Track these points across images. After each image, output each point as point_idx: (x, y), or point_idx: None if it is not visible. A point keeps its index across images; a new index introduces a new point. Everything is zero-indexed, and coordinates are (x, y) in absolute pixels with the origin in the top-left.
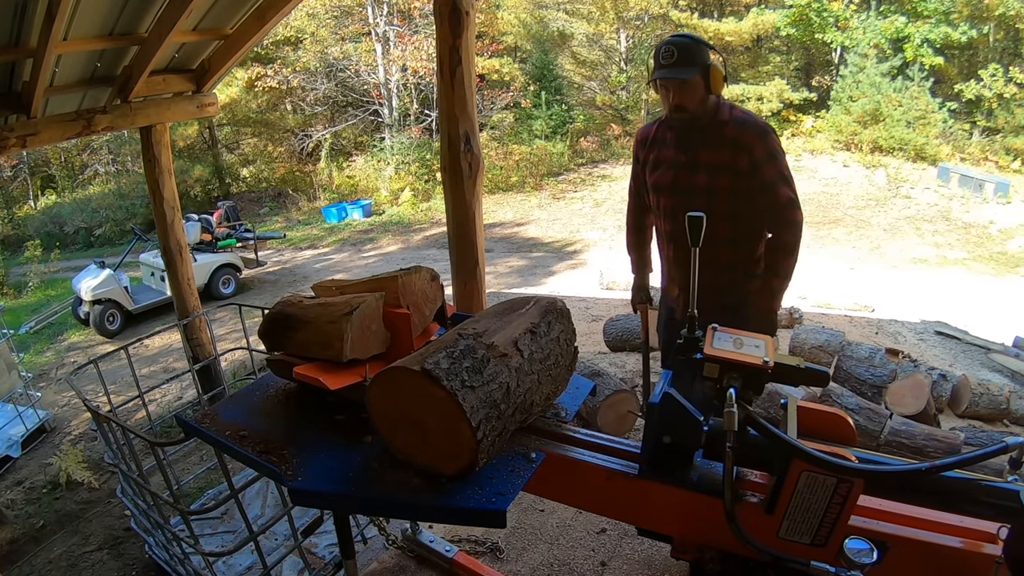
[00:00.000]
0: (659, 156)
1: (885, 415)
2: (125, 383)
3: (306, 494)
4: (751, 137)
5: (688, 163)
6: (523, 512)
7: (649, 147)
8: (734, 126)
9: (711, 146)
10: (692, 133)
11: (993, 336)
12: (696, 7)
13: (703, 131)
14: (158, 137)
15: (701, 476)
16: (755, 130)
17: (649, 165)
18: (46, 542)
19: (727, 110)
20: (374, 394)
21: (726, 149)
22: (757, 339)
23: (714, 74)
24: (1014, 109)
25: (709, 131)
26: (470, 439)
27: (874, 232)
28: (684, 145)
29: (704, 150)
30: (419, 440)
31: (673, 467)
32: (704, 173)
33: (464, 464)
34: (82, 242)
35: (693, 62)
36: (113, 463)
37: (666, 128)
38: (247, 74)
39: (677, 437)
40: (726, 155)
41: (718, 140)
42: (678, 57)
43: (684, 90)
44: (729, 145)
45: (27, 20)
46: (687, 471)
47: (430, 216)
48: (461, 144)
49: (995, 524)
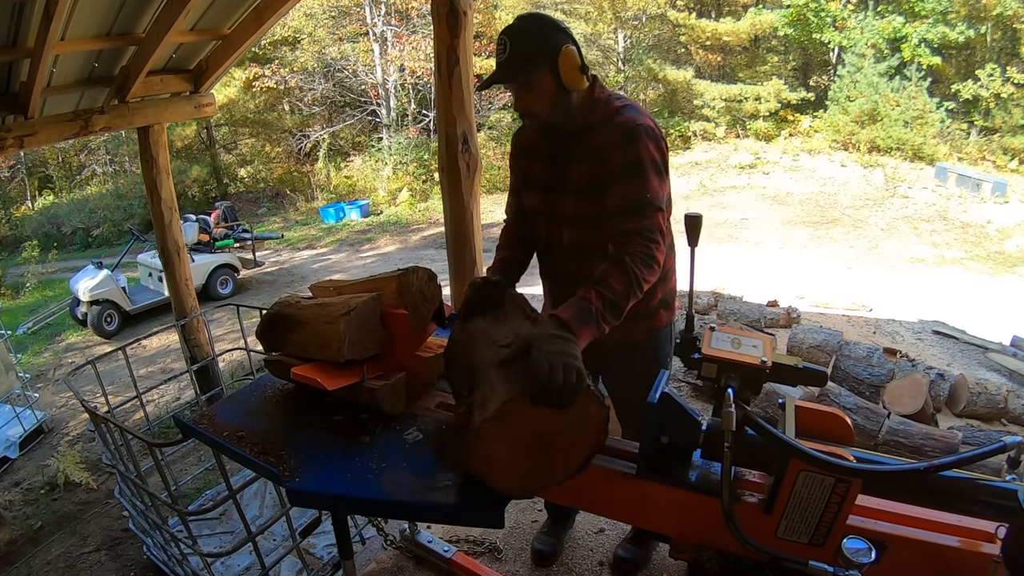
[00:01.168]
0: (530, 172)
1: (883, 414)
2: (123, 384)
3: (304, 495)
4: (610, 143)
5: (560, 185)
6: (521, 512)
7: (521, 158)
8: (600, 131)
9: (583, 160)
10: (564, 144)
11: (991, 335)
12: (694, 7)
13: (575, 141)
14: (156, 137)
15: (699, 476)
16: (619, 136)
17: (522, 180)
18: (44, 543)
19: (601, 109)
20: (490, 437)
21: (594, 162)
22: (755, 339)
23: (564, 63)
24: (1011, 109)
25: (582, 141)
26: (597, 413)
27: (872, 232)
28: (554, 158)
29: (576, 166)
30: (536, 453)
31: (671, 467)
32: (576, 199)
33: (595, 443)
34: (80, 243)
35: (533, 55)
36: (111, 464)
37: (541, 137)
38: (245, 74)
39: (675, 437)
40: (595, 170)
41: (587, 152)
42: (511, 51)
43: (527, 91)
44: (596, 156)
45: (25, 20)
46: (685, 471)
47: (428, 216)
48: (459, 144)
49: (993, 523)
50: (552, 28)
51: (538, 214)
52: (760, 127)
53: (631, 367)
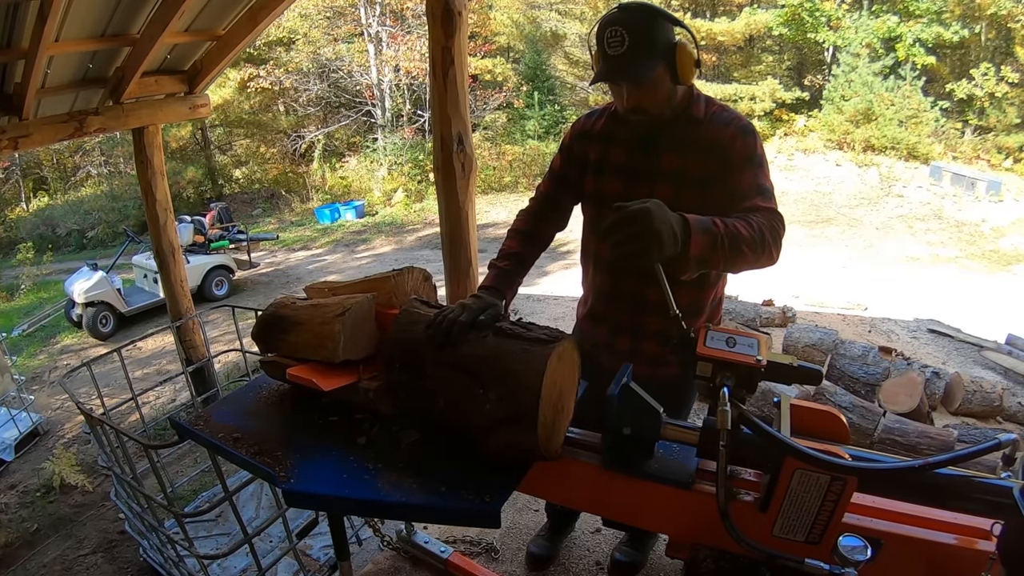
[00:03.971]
0: (605, 158)
1: (878, 413)
2: (118, 385)
3: (300, 496)
4: (730, 136)
5: (646, 171)
6: (518, 512)
7: (591, 143)
8: (711, 126)
9: (679, 150)
10: (654, 133)
11: (986, 334)
12: (688, 7)
13: (670, 131)
14: (151, 139)
15: (661, 467)
16: (736, 129)
17: (591, 168)
18: (40, 546)
19: (703, 105)
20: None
21: (697, 155)
22: (750, 338)
23: (682, 58)
24: (1006, 108)
25: (677, 131)
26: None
27: (867, 231)
28: (642, 148)
29: (669, 155)
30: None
31: (633, 459)
32: (667, 185)
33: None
34: (75, 244)
35: (652, 49)
36: (107, 466)
37: (618, 123)
38: (240, 75)
39: (636, 428)
40: (696, 161)
41: (688, 143)
42: (630, 44)
43: (643, 88)
44: (701, 150)
45: (19, 21)
46: (647, 462)
47: (423, 217)
48: (454, 144)
49: (989, 520)
50: (666, 19)
51: (610, 201)
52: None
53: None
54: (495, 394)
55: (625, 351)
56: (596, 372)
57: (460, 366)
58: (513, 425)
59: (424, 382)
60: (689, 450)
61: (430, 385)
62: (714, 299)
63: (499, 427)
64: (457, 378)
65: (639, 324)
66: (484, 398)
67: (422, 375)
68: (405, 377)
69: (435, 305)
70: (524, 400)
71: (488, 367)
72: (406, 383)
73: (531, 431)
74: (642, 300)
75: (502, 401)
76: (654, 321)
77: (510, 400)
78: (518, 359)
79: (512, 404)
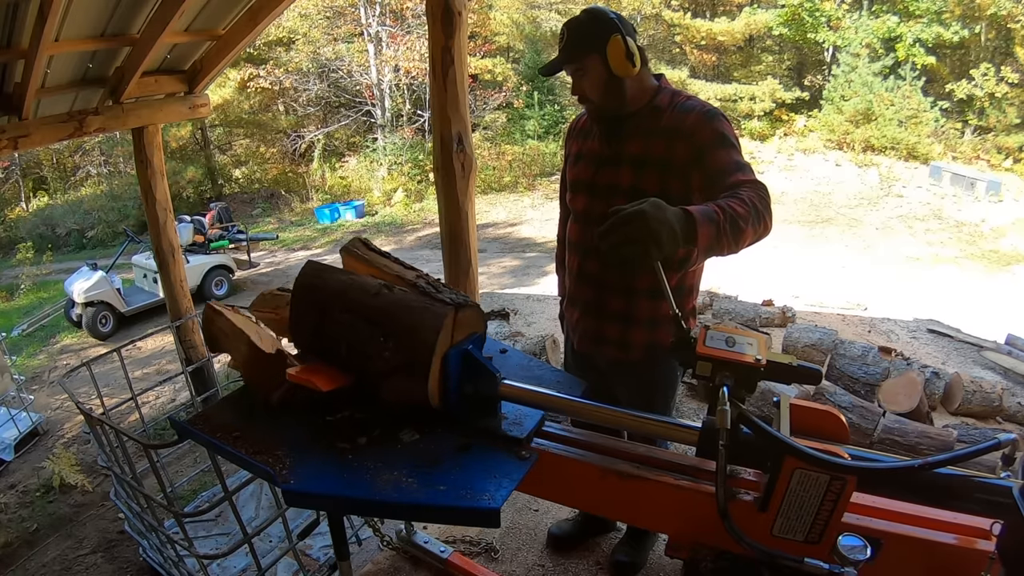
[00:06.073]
0: (582, 149)
1: (878, 413)
2: (118, 385)
3: (300, 495)
4: (694, 121)
5: (613, 157)
6: (517, 512)
7: (575, 139)
8: (672, 113)
9: (641, 137)
10: (621, 123)
11: (985, 334)
12: (688, 7)
13: (634, 120)
14: (150, 138)
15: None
16: (701, 114)
17: (571, 159)
18: (40, 546)
19: (668, 96)
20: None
21: (659, 139)
22: (750, 337)
23: (612, 50)
24: (1005, 108)
25: (640, 120)
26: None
27: (866, 231)
28: (611, 136)
29: (632, 141)
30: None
31: (478, 414)
32: (629, 168)
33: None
34: (74, 244)
35: (586, 42)
36: (106, 466)
37: (594, 118)
38: (239, 75)
39: (477, 387)
40: (658, 146)
41: (649, 130)
42: (568, 39)
43: (581, 77)
44: (663, 134)
45: (19, 21)
46: (492, 420)
47: (423, 217)
48: (454, 144)
49: (988, 520)
50: (604, 19)
51: (582, 186)
52: (755, 127)
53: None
54: (394, 344)
55: (591, 332)
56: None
57: (365, 315)
58: (407, 374)
59: (330, 326)
60: (535, 413)
61: (335, 329)
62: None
63: (394, 374)
64: (361, 326)
65: (602, 304)
66: (384, 346)
67: (328, 319)
68: (311, 319)
69: (378, 251)
70: (419, 352)
71: (390, 318)
72: (312, 324)
73: (422, 381)
74: (604, 281)
75: (399, 351)
76: (617, 302)
77: (407, 351)
78: (418, 313)
79: (408, 354)
